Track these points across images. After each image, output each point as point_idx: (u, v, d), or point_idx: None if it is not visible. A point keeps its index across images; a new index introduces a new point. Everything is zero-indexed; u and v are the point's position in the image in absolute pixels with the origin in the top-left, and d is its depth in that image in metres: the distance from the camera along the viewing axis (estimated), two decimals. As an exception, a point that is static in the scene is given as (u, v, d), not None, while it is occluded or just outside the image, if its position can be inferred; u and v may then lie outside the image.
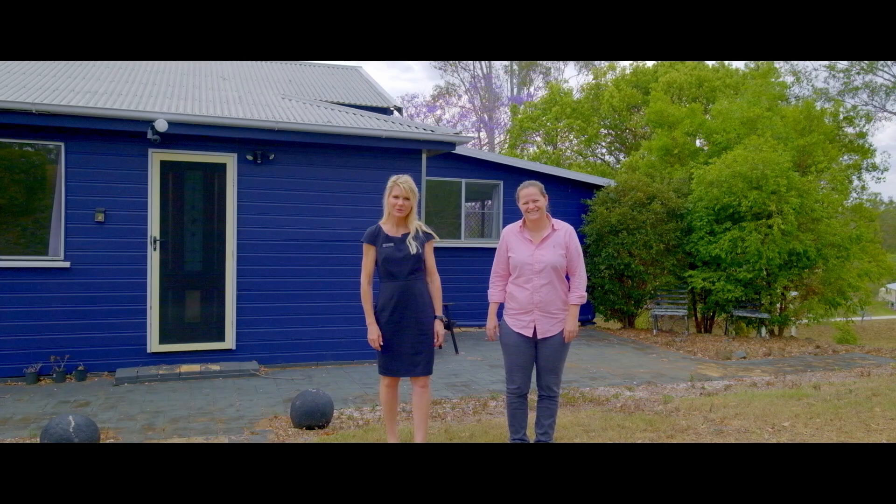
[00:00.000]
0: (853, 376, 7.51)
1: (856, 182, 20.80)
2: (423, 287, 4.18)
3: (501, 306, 4.23)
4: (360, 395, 6.49)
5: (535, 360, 4.11)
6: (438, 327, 4.18)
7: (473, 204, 12.41)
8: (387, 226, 4.18)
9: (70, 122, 6.76)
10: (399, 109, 10.81)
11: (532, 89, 36.74)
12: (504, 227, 11.56)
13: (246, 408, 5.96)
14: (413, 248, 4.09)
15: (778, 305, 10.53)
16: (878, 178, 35.32)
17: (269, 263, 7.69)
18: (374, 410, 5.85)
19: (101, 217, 7.03)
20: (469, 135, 8.85)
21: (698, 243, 10.45)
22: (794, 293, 10.66)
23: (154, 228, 7.23)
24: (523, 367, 4.08)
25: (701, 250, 10.33)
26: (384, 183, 4.22)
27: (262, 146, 7.60)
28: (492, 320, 4.23)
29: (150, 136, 6.90)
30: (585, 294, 4.07)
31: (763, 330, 10.69)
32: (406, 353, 4.12)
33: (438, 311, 4.22)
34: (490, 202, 11.89)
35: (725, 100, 12.12)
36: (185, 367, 7.19)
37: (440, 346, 4.23)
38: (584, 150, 27.42)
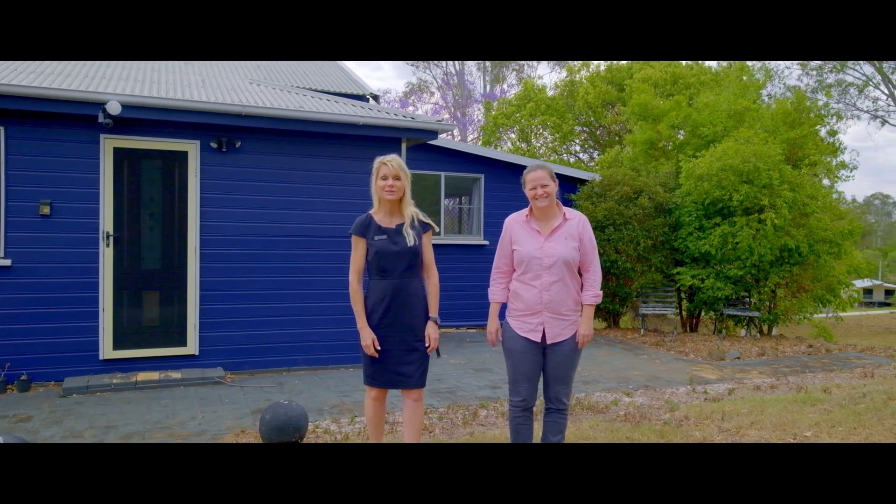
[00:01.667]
0: (857, 378, 7.16)
1: (825, 181, 20.86)
2: (420, 285, 3.63)
3: (504, 307, 3.70)
4: (337, 405, 5.91)
5: (543, 367, 3.59)
6: (431, 330, 3.63)
7: (450, 200, 11.88)
8: (378, 215, 3.63)
9: (11, 103, 6.04)
10: (376, 97, 10.22)
11: (505, 86, 36.48)
12: (485, 222, 11.20)
13: (209, 421, 5.34)
14: (410, 239, 3.54)
15: (767, 303, 10.20)
16: (848, 177, 35.80)
17: (236, 261, 7.05)
18: (353, 422, 5.28)
19: (46, 210, 6.32)
20: (451, 123, 8.36)
21: (687, 239, 10.07)
22: (781, 290, 10.35)
23: (107, 222, 6.54)
24: (530, 376, 3.56)
25: (690, 246, 9.94)
26: (361, 174, 3.68)
27: (227, 133, 6.96)
28: (493, 323, 3.71)
29: (101, 119, 6.22)
30: (601, 293, 3.57)
31: (753, 328, 10.36)
32: (397, 362, 3.57)
33: (434, 312, 3.66)
34: (467, 198, 11.37)
35: (710, 93, 11.79)
36: (142, 376, 6.52)
37: (437, 354, 3.68)
38: (558, 147, 27.13)
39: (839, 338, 20.57)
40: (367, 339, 3.53)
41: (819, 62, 25.40)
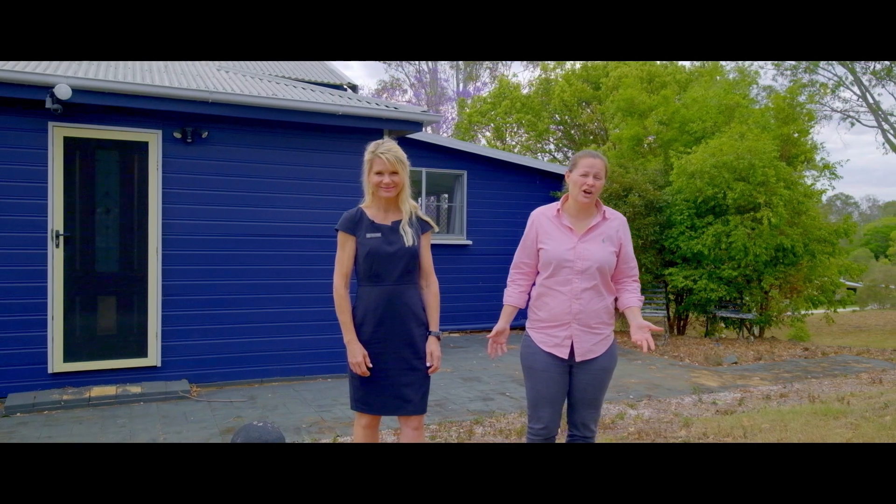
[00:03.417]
0: (865, 384, 6.82)
1: (820, 182, 20.85)
2: (417, 293, 3.09)
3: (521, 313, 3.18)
4: (316, 422, 5.34)
5: (569, 389, 3.08)
6: (433, 347, 3.09)
7: (431, 198, 11.34)
8: (371, 210, 3.07)
9: (-56, 85, 5.35)
10: (353, 87, 9.63)
11: (479, 83, 36.14)
12: (468, 221, 10.67)
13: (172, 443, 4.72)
14: (408, 238, 3.00)
15: (760, 305, 9.86)
16: (816, 178, 36.14)
17: (203, 262, 6.42)
18: (336, 443, 4.71)
19: (-14, 206, 5.63)
20: (435, 114, 7.86)
21: (678, 239, 9.68)
22: (774, 292, 10.03)
23: (56, 220, 5.87)
24: (553, 399, 3.03)
25: (682, 246, 9.55)
26: (340, 168, 3.15)
27: (192, 122, 6.33)
28: (502, 324, 3.11)
29: (49, 105, 5.55)
30: (638, 295, 3.07)
31: (745, 331, 10.02)
32: (393, 384, 3.02)
33: (434, 326, 3.12)
34: (449, 195, 10.83)
35: (699, 87, 11.45)
36: (96, 391, 5.86)
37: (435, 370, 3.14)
38: (533, 145, 26.81)
39: (814, 338, 20.56)
40: (358, 355, 2.97)
41: (793, 62, 25.42)
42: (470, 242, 10.26)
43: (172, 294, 6.29)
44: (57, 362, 5.89)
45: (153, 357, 6.24)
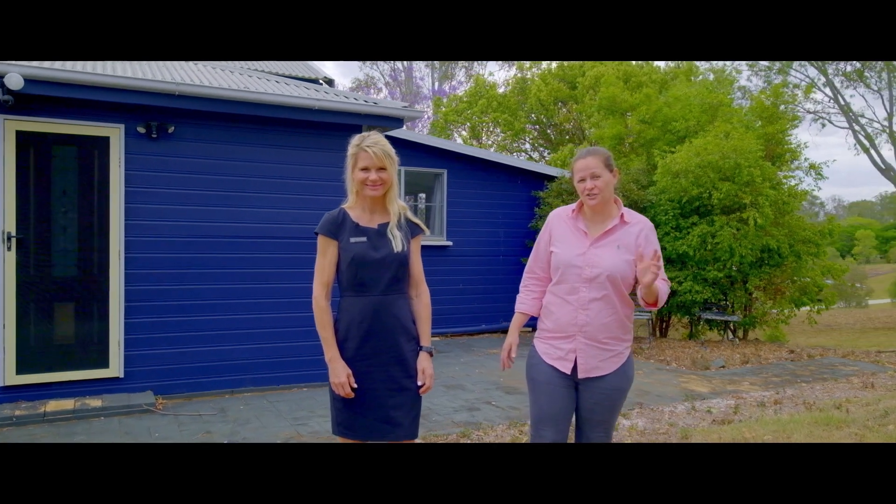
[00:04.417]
0: (858, 389, 6.67)
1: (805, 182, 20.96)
2: (407, 305, 2.77)
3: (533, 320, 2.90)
4: (292, 437, 4.99)
5: (576, 408, 2.79)
6: (426, 364, 2.78)
7: (410, 198, 11.02)
8: (355, 211, 2.74)
9: None
10: (330, 82, 9.25)
11: (454, 83, 35.94)
12: (448, 222, 10.36)
13: (135, 465, 4.34)
14: (397, 243, 2.68)
15: (744, 307, 9.72)
16: (801, 179, 36.61)
17: (169, 266, 6.02)
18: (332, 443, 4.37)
19: (-71, 205, 5.18)
20: (417, 111, 7.53)
21: (663, 239, 9.47)
22: (759, 293, 9.90)
23: (8, 221, 5.43)
24: (557, 417, 2.74)
25: (666, 247, 9.36)
26: (316, 167, 2.89)
27: (158, 116, 5.92)
28: (510, 337, 2.86)
29: (-1, 96, 5.13)
30: (669, 285, 2.78)
31: (729, 333, 9.87)
32: (380, 405, 2.69)
33: (426, 340, 2.81)
34: (427, 195, 10.53)
35: (682, 85, 11.29)
36: (53, 405, 5.43)
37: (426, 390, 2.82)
38: (509, 144, 26.66)
39: (790, 337, 20.67)
40: (341, 375, 2.64)
41: (767, 63, 25.57)
42: (450, 243, 9.96)
43: (136, 300, 5.89)
44: (9, 375, 5.45)
45: (115, 368, 5.83)
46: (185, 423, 5.30)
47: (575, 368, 2.72)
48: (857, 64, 25.24)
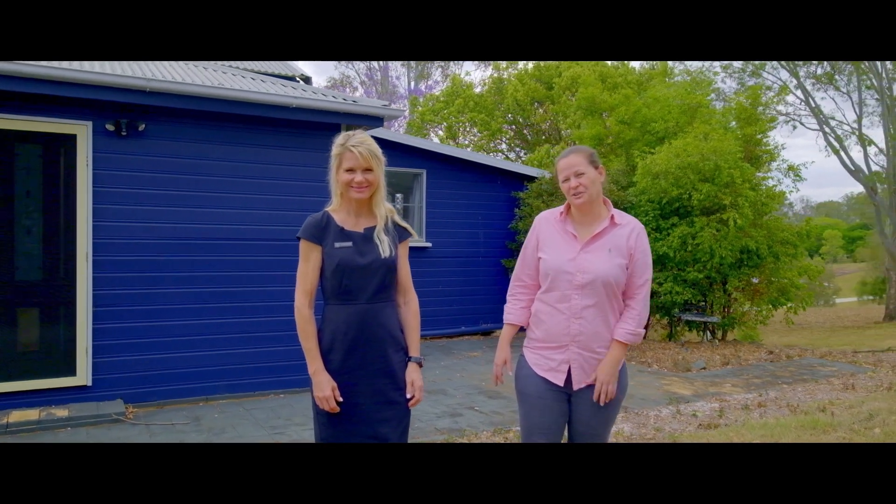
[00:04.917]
0: (839, 391, 6.67)
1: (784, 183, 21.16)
2: (395, 313, 2.63)
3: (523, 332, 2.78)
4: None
5: (569, 421, 2.68)
6: (415, 376, 2.64)
7: (388, 198, 10.84)
8: (339, 214, 2.59)
9: None
10: (307, 79, 9.04)
11: (430, 82, 35.82)
12: (427, 223, 10.22)
13: (103, 479, 4.13)
14: (385, 248, 2.53)
15: (723, 308, 9.74)
16: (780, 180, 37.11)
17: (139, 269, 5.79)
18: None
19: None
20: (397, 109, 7.38)
21: (643, 241, 9.45)
22: (738, 294, 9.91)
23: (-32, 223, 5.17)
24: (548, 431, 2.63)
25: (647, 248, 9.33)
26: (294, 166, 2.81)
27: (127, 113, 5.69)
28: (502, 352, 2.75)
29: (-42, 91, 4.87)
30: (642, 332, 2.66)
31: (709, 334, 9.88)
32: (367, 421, 2.55)
33: (415, 350, 2.67)
34: (406, 196, 10.37)
35: (661, 86, 11.30)
36: (16, 415, 5.18)
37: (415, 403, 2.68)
38: (486, 144, 26.61)
39: (763, 336, 20.94)
40: (326, 388, 2.49)
41: (741, 63, 25.82)
42: (429, 245, 9.82)
43: (105, 304, 5.65)
44: (-31, 384, 5.19)
45: (83, 375, 5.58)
46: (157, 434, 5.09)
47: (568, 380, 2.60)
48: (828, 66, 25.62)
